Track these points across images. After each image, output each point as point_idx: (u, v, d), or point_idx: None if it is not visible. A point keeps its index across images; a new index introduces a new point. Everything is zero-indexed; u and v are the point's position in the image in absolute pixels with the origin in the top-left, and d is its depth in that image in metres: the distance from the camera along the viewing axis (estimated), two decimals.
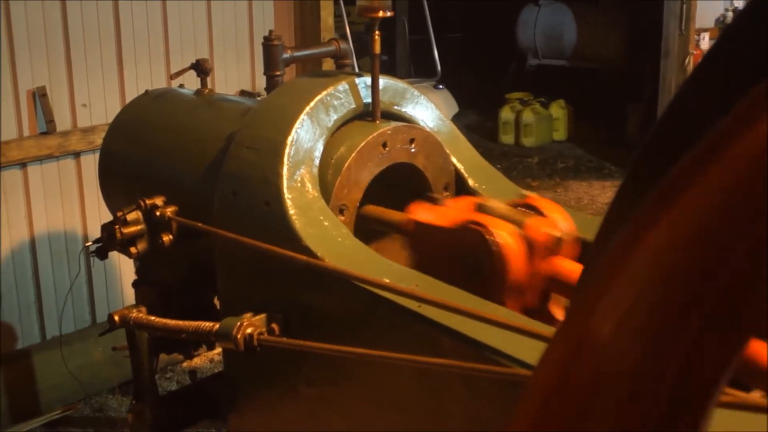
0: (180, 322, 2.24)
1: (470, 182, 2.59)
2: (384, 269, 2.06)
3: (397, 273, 2.05)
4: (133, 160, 2.92)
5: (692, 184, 0.55)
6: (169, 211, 2.53)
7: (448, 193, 2.60)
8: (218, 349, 4.70)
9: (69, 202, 4.43)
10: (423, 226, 2.23)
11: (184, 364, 4.88)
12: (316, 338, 1.98)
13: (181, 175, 2.69)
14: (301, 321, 2.20)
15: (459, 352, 1.77)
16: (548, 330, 1.62)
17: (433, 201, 2.32)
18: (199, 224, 2.39)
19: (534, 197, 2.30)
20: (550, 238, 2.12)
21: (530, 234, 2.11)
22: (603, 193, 8.09)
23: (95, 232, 3.85)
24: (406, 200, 2.56)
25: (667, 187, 0.56)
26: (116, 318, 2.51)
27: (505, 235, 2.09)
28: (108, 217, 2.88)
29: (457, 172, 2.60)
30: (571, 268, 2.11)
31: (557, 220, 2.19)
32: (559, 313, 2.15)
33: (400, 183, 2.55)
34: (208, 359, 4.90)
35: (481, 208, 2.20)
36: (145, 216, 2.61)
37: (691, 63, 7.67)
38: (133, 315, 2.48)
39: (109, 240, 2.64)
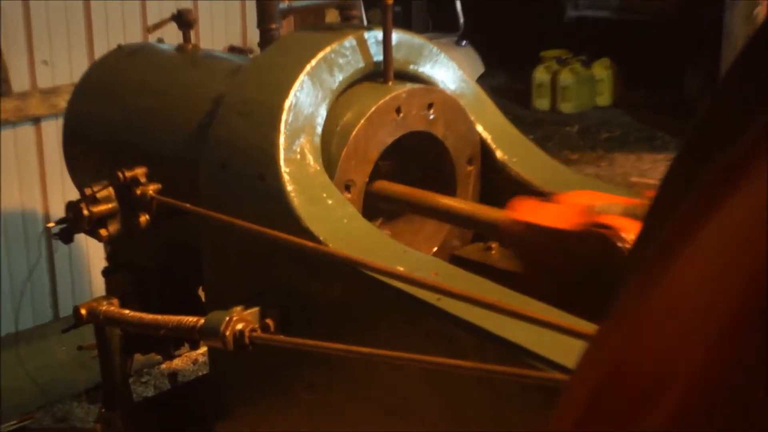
0: (158, 317, 2.26)
1: (498, 154, 2.61)
2: (397, 256, 2.08)
3: (413, 260, 2.07)
4: (103, 127, 2.95)
5: None
6: (152, 189, 2.55)
7: (472, 168, 2.62)
8: (203, 349, 4.74)
9: (27, 176, 4.47)
10: (535, 228, 2.13)
11: (163, 366, 4.92)
12: (317, 336, 2.00)
13: (160, 144, 2.72)
14: (300, 316, 2.22)
15: (483, 352, 1.79)
16: (589, 327, 1.64)
17: (539, 196, 2.27)
18: (185, 204, 2.42)
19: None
20: None
21: None
22: (655, 168, 8.08)
23: (59, 212, 3.87)
24: (423, 175, 2.58)
25: (735, 161, 0.57)
26: (83, 312, 2.55)
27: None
28: (73, 193, 2.91)
29: (482, 142, 2.61)
30: None
31: None
32: None
33: (416, 155, 2.56)
34: (190, 360, 4.95)
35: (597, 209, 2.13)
36: (118, 192, 2.64)
37: (761, 13, 7.63)
38: (104, 308, 2.51)
39: (76, 220, 2.67)
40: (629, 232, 2.01)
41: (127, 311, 2.42)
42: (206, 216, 2.35)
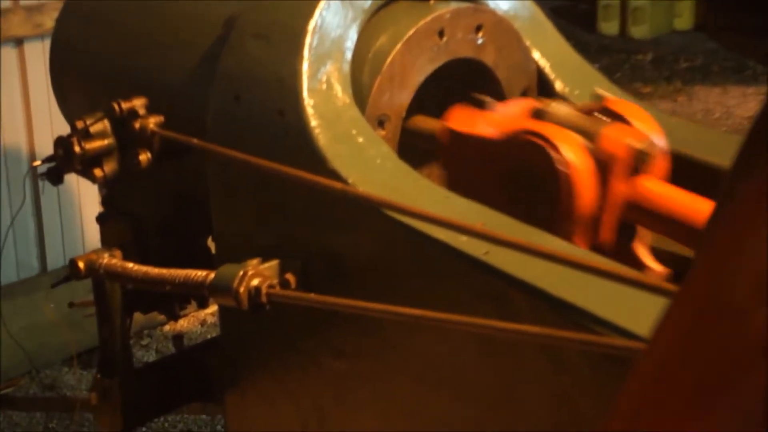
0: (164, 271, 2.29)
1: (558, 86, 2.60)
2: (438, 202, 2.09)
3: (457, 207, 2.08)
4: (97, 50, 2.96)
5: None
6: (153, 122, 2.57)
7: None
8: (213, 308, 4.79)
9: (9, 107, 4.50)
10: (462, 137, 2.27)
11: (167, 328, 4.99)
12: (344, 294, 2.03)
13: (162, 73, 2.72)
14: (324, 270, 2.25)
15: (539, 314, 1.81)
16: (666, 283, 1.65)
17: (479, 104, 2.35)
18: (192, 139, 2.43)
19: (614, 100, 2.34)
20: (633, 152, 2.15)
21: (606, 147, 2.15)
22: (743, 103, 8.00)
23: (46, 149, 3.91)
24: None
25: None
26: (81, 264, 2.57)
27: (572, 150, 2.12)
28: (63, 127, 2.93)
29: (540, 71, 2.61)
30: (661, 192, 2.14)
31: (643, 130, 2.22)
32: (645, 255, 2.19)
33: (461, 86, 2.56)
34: (198, 321, 5.01)
35: (540, 115, 2.25)
36: (115, 126, 2.65)
37: None
38: (105, 261, 2.54)
39: (66, 158, 2.69)
40: (562, 140, 2.13)
41: (131, 264, 2.44)
42: (217, 154, 2.37)
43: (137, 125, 2.56)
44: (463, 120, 2.33)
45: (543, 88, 2.61)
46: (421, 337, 2.08)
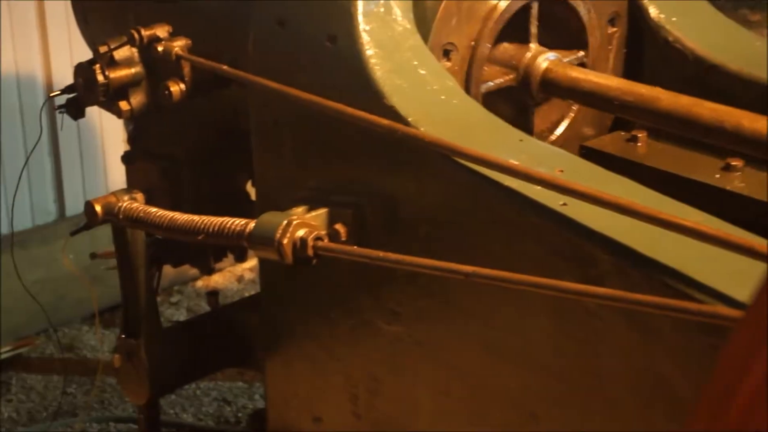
0: (196, 218, 2.30)
1: (652, 11, 2.59)
2: (511, 145, 2.08)
3: (531, 151, 2.07)
4: None
5: None
6: (178, 46, 2.57)
7: (615, 30, 2.59)
8: (251, 262, 4.83)
9: (22, 29, 4.52)
10: None
11: (199, 283, 5.03)
12: (402, 249, 2.02)
13: None
14: (379, 221, 2.25)
15: (624, 276, 1.79)
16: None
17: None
18: (221, 66, 2.43)
19: None
20: None
21: None
22: None
23: (65, 78, 3.93)
24: (547, 37, 2.56)
25: None
26: (98, 208, 2.58)
27: None
28: (83, 53, 2.94)
29: None
30: None
31: None
32: None
33: (539, 11, 2.53)
34: (234, 276, 5.05)
35: None
36: (143, 53, 2.66)
37: None
38: (125, 204, 2.54)
39: (87, 89, 2.70)
40: None
41: (154, 209, 2.43)
42: (259, 87, 2.37)
43: (160, 49, 2.56)
44: None
45: (634, 13, 2.58)
46: (488, 299, 2.08)
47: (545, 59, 2.49)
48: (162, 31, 2.59)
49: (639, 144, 2.49)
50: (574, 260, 1.88)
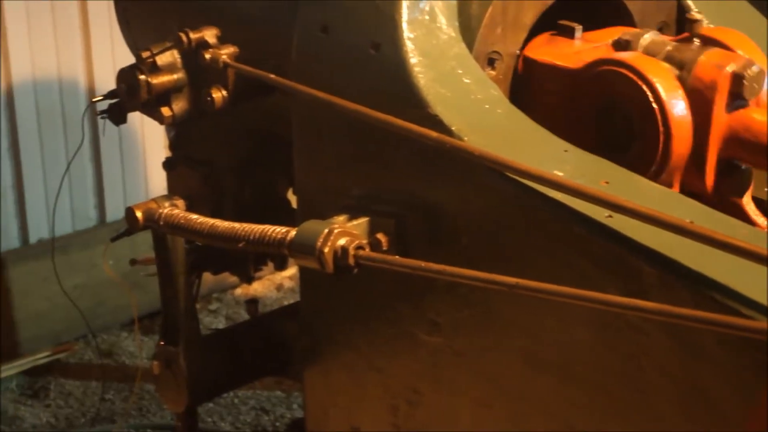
0: (236, 225, 2.30)
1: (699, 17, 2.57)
2: (556, 156, 2.08)
3: (576, 162, 2.07)
4: None
5: None
6: (225, 53, 2.57)
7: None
8: (291, 270, 4.81)
9: (65, 35, 4.54)
10: (537, 66, 2.28)
11: (238, 291, 5.03)
12: (444, 259, 2.02)
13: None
14: (421, 231, 2.25)
15: (669, 289, 1.79)
16: None
17: (567, 32, 2.38)
18: (269, 75, 2.44)
19: (717, 29, 2.34)
20: (735, 80, 2.16)
21: (703, 75, 2.15)
22: None
23: (107, 83, 3.95)
24: None
25: None
26: (138, 214, 2.59)
27: (662, 80, 2.12)
28: (126, 57, 2.96)
29: (680, 4, 2.57)
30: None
31: (747, 57, 2.22)
32: (750, 207, 2.19)
33: (586, 19, 2.52)
34: (274, 285, 5.04)
35: (623, 45, 2.28)
36: (186, 58, 2.67)
37: None
38: (165, 211, 2.55)
39: (130, 95, 2.71)
40: (649, 69, 2.16)
41: (195, 216, 2.43)
42: (301, 94, 2.37)
43: (208, 57, 2.56)
44: (543, 48, 2.35)
45: (683, 23, 2.56)
46: (531, 311, 2.07)
47: None
48: (210, 35, 2.59)
49: None
50: (619, 273, 1.87)
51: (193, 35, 2.58)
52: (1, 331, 4.63)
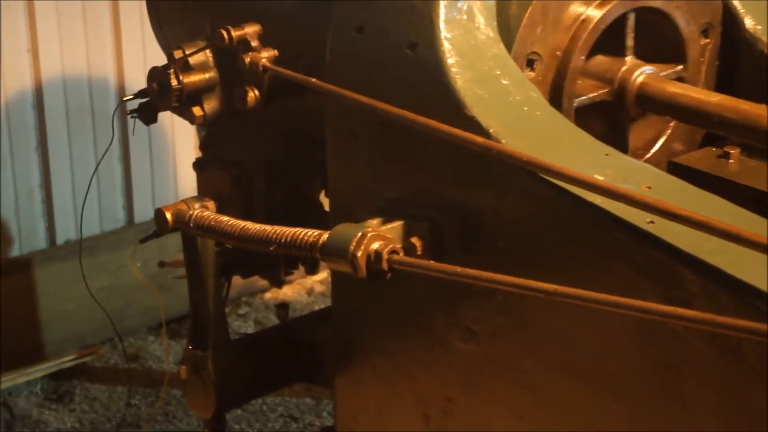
0: (268, 228, 2.30)
1: (747, 22, 2.56)
2: (597, 160, 2.07)
3: (618, 167, 2.05)
4: None
5: None
6: (265, 57, 2.57)
7: (708, 41, 2.56)
8: (323, 274, 4.82)
9: (96, 33, 4.57)
10: None
11: (268, 295, 5.04)
12: (480, 264, 2.00)
13: None
14: (457, 235, 2.24)
15: (713, 298, 1.77)
16: None
17: None
18: (310, 79, 2.43)
19: None
20: None
21: None
22: None
23: (138, 82, 3.96)
24: (636, 49, 2.54)
25: None
26: (168, 216, 2.60)
27: None
28: (157, 57, 2.96)
29: (725, 4, 2.56)
30: None
31: None
32: None
33: (632, 22, 2.52)
34: (304, 289, 5.05)
35: None
36: (219, 58, 2.67)
37: None
38: (196, 213, 2.55)
39: (160, 94, 2.72)
40: None
41: (226, 218, 2.43)
42: (335, 95, 2.37)
43: (248, 60, 2.56)
44: None
45: (729, 24, 2.56)
46: (569, 319, 2.06)
47: (642, 73, 2.47)
48: (252, 33, 2.59)
49: (731, 161, 2.46)
50: (661, 280, 1.86)
51: (234, 33, 2.58)
52: (26, 333, 4.65)
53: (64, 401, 4.51)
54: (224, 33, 2.58)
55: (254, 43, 2.57)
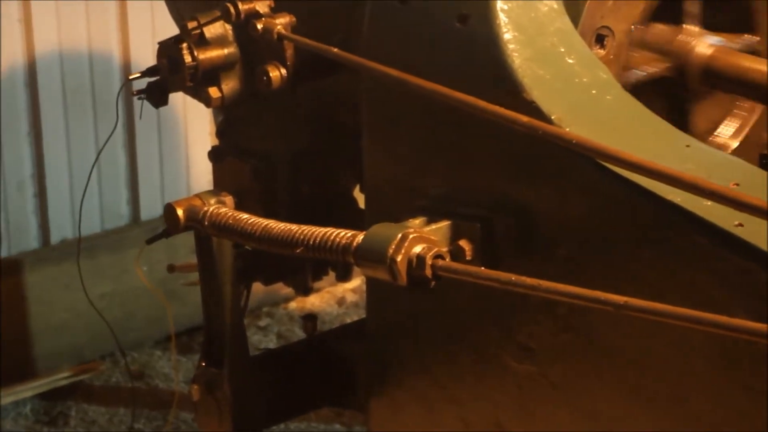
0: (294, 227, 2.30)
1: None
2: (677, 151, 2.07)
3: (701, 160, 2.05)
4: None
5: None
6: (280, 24, 2.57)
7: None
8: (355, 281, 4.83)
9: (98, 1, 4.58)
10: None
11: (293, 305, 5.05)
12: (537, 271, 2.00)
13: None
14: (512, 238, 2.24)
15: None
16: None
17: None
18: (331, 48, 2.43)
19: None
20: None
21: None
22: None
23: (146, 59, 3.97)
24: (716, 22, 2.53)
25: None
26: (180, 213, 2.59)
27: None
28: (168, 29, 2.96)
29: None
30: None
31: None
32: None
33: None
34: (334, 298, 5.06)
35: None
36: (239, 31, 2.67)
37: None
38: (211, 209, 2.55)
39: (172, 71, 2.73)
40: None
41: (245, 215, 2.42)
42: (372, 75, 2.37)
43: (260, 27, 2.56)
44: None
45: None
46: (640, 335, 2.06)
47: (708, 45, 2.46)
48: (262, 5, 2.59)
49: None
50: (749, 293, 1.85)
51: (242, 6, 2.58)
52: (15, 346, 4.67)
53: (57, 424, 4.53)
54: (230, 6, 2.57)
55: (264, 11, 2.56)
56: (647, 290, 1.84)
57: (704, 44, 2.46)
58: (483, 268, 2.10)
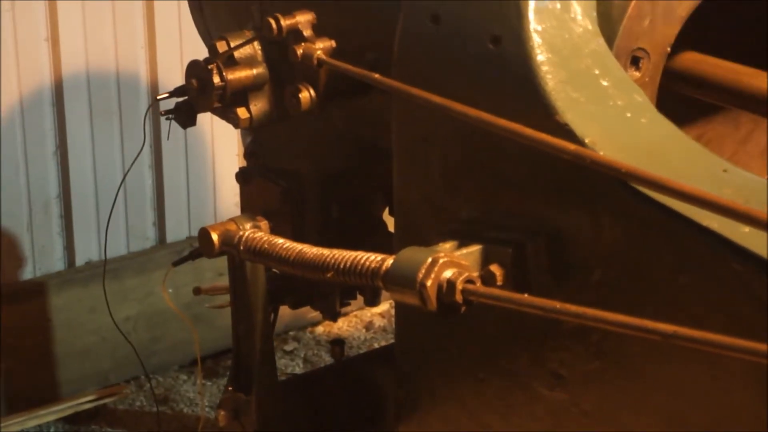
0: (324, 251, 2.30)
1: None
2: (713, 176, 2.05)
3: (738, 184, 2.03)
4: None
5: None
6: (320, 48, 2.57)
7: None
8: (384, 305, 4.82)
9: (125, 20, 4.60)
10: None
11: (320, 329, 5.05)
12: (571, 297, 2.00)
13: None
14: (545, 263, 2.23)
15: None
16: None
17: None
18: (373, 74, 2.43)
19: None
20: None
21: None
22: None
23: (173, 79, 3.98)
24: (752, 48, 2.52)
25: None
26: (215, 237, 2.58)
27: None
28: (196, 50, 2.97)
29: None
30: None
31: None
32: None
33: (745, 15, 2.50)
34: (362, 323, 5.05)
35: None
36: (269, 51, 2.67)
37: None
38: (247, 234, 2.54)
39: (200, 92, 2.73)
40: None
41: (281, 240, 2.40)
42: (403, 95, 2.37)
43: (299, 52, 2.56)
44: None
45: None
46: (677, 364, 2.04)
47: None
48: (305, 22, 2.59)
49: None
50: None
51: (284, 21, 2.58)
52: (38, 370, 4.67)
53: None
54: (272, 21, 2.58)
55: (307, 33, 2.57)
56: (683, 317, 1.83)
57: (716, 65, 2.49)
58: (515, 293, 2.09)
